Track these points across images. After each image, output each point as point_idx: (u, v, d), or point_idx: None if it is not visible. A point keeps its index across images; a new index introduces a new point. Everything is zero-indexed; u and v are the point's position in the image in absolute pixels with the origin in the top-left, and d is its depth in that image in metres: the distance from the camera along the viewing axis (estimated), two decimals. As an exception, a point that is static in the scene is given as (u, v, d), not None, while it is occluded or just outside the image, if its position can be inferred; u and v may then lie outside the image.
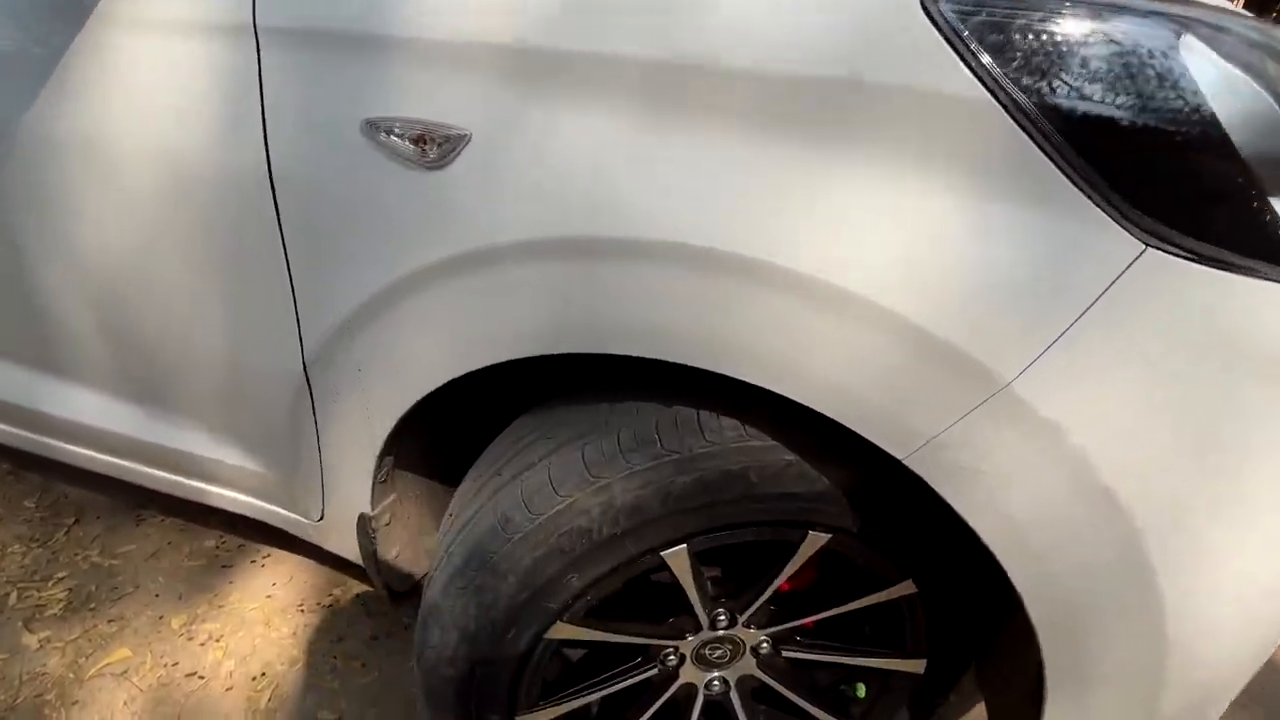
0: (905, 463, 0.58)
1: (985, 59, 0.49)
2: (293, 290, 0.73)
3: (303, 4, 0.63)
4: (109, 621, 1.25)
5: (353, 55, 0.62)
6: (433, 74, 0.60)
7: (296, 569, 1.37)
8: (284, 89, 0.65)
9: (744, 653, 0.82)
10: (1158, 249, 0.49)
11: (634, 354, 0.60)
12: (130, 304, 0.85)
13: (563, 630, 0.71)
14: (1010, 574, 0.60)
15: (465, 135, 0.60)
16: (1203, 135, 0.48)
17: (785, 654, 0.83)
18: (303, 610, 1.29)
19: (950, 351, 0.52)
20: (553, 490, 0.65)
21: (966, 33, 0.49)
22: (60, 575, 1.33)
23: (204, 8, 0.66)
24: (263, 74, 0.65)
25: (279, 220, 0.69)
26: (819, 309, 0.53)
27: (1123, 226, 0.49)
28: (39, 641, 1.20)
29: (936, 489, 0.58)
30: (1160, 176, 0.49)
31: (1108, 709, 0.66)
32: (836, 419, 0.57)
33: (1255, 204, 0.49)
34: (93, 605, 1.28)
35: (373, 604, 1.30)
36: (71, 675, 1.14)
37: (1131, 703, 0.64)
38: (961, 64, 0.49)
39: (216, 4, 0.66)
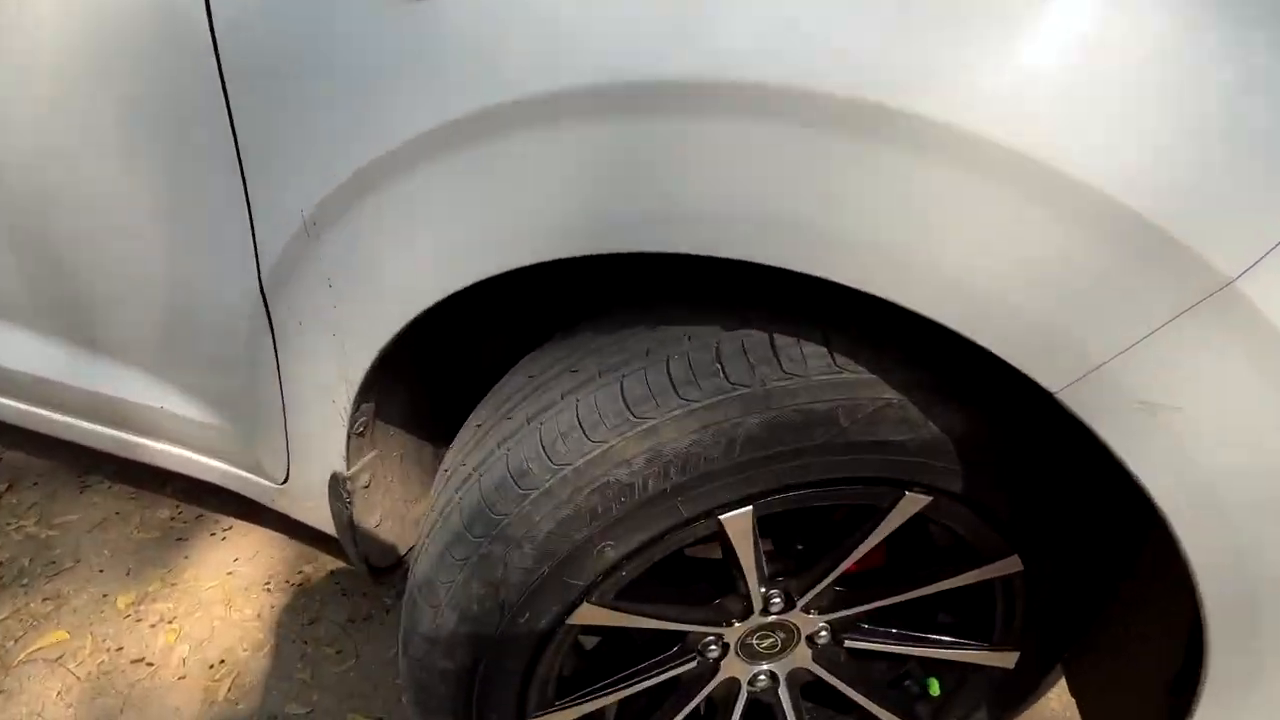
0: (1060, 398, 0.44)
1: None
2: (243, 180, 0.57)
3: None
4: (44, 600, 1.09)
5: None
6: None
7: (262, 542, 1.22)
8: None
9: (798, 642, 0.69)
10: None
11: (693, 251, 0.46)
12: (38, 212, 0.69)
13: (589, 615, 0.57)
14: (1186, 546, 0.46)
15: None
16: None
17: (847, 644, 0.70)
18: (269, 589, 1.14)
19: (1156, 239, 0.38)
20: (582, 434, 0.50)
21: None
22: (-10, 547, 1.17)
23: None
24: None
25: (223, 82, 0.53)
26: (971, 179, 0.39)
27: None
28: (-40, 622, 1.04)
29: (1100, 433, 0.44)
30: None
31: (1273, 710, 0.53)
32: (976, 339, 0.43)
33: None
34: (25, 581, 1.12)
35: (350, 583, 1.15)
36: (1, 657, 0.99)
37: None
38: None
39: None
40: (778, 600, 0.65)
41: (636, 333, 0.56)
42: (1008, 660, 0.69)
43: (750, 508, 0.53)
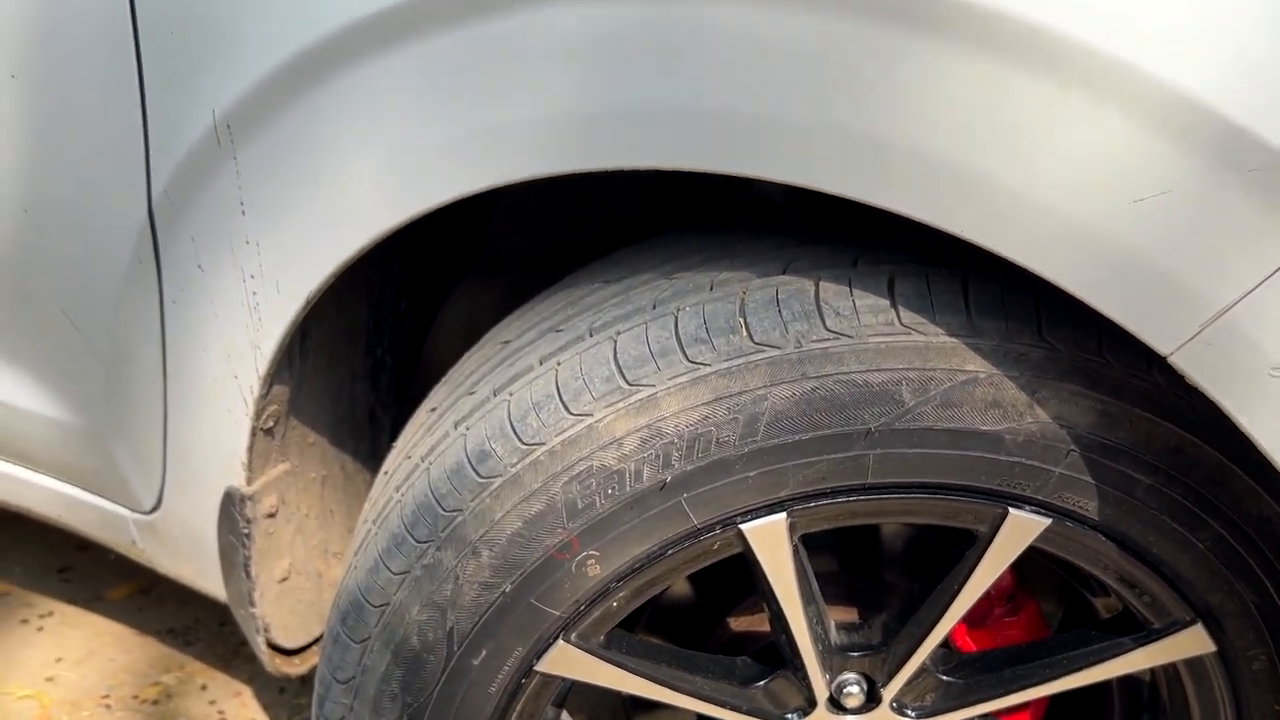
0: (1174, 363, 0.68)
1: None
2: (139, 61, 0.88)
3: None
4: None
5: None
6: None
7: (99, 638, 1.57)
8: None
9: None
10: None
11: (722, 169, 0.72)
12: None
13: (569, 662, 0.84)
14: None
15: None
16: None
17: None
18: (108, 706, 1.47)
19: (1265, 154, 0.62)
20: (560, 405, 0.78)
21: None
22: None
23: None
24: None
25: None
26: (1061, 91, 0.64)
27: None
28: None
29: (1232, 412, 0.68)
30: None
31: None
32: (1066, 287, 0.67)
33: None
34: None
35: (228, 705, 1.47)
36: None
37: None
38: None
39: None
40: (854, 689, 0.89)
41: (647, 281, 0.83)
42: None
43: (784, 515, 0.79)
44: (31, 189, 1.01)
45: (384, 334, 1.15)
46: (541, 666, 0.84)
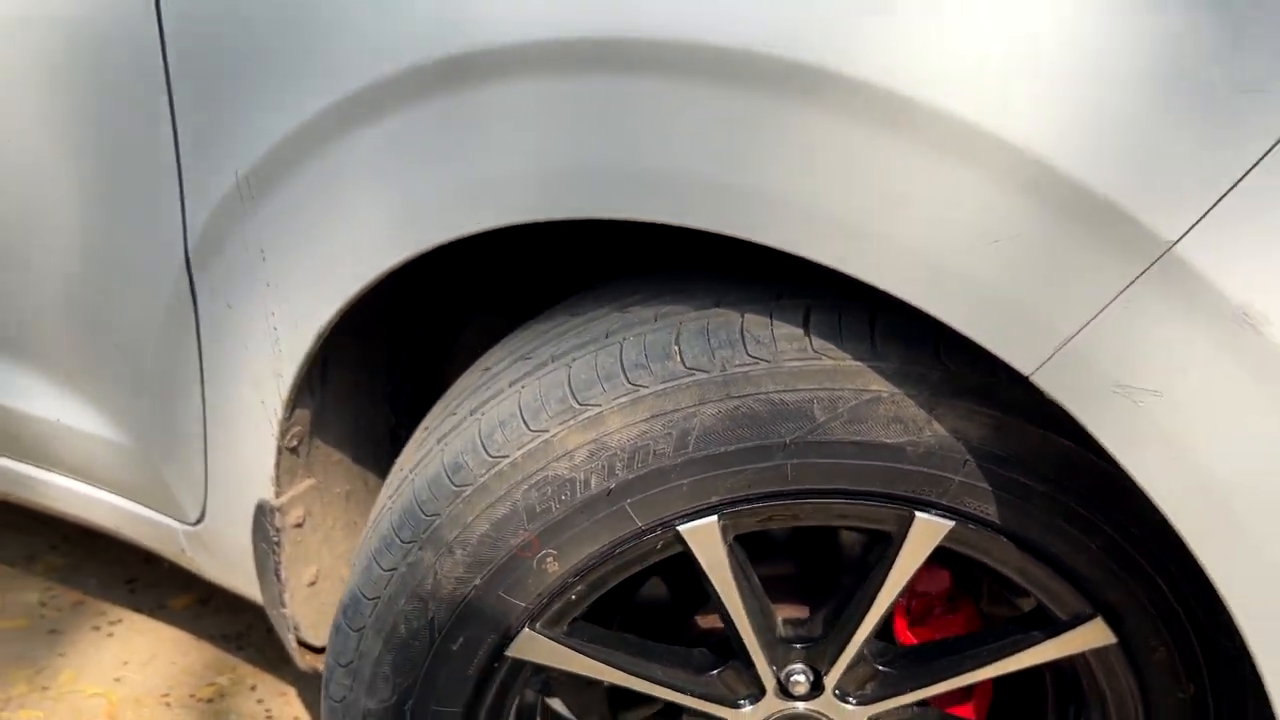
0: (1036, 381, 0.78)
1: None
2: (175, 133, 1.03)
3: None
4: (-117, 695, 1.63)
5: None
6: None
7: (161, 643, 1.73)
8: None
9: (840, 746, 1.03)
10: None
11: (655, 219, 0.84)
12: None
13: (534, 647, 0.96)
14: (1196, 549, 0.78)
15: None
16: None
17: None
18: (168, 704, 1.62)
19: (1102, 207, 0.73)
20: (522, 423, 0.90)
21: None
22: None
23: None
24: None
25: (160, 28, 1.00)
26: (923, 150, 0.75)
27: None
28: None
29: (1088, 427, 0.77)
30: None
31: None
32: (939, 316, 0.78)
33: None
34: None
35: (275, 704, 1.61)
36: None
37: None
38: None
39: None
40: (800, 678, 1.00)
41: (603, 315, 0.95)
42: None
43: (715, 518, 0.90)
44: (89, 241, 1.16)
45: (400, 363, 1.28)
46: (511, 652, 0.96)
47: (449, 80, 0.89)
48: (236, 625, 1.78)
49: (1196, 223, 0.72)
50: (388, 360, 1.26)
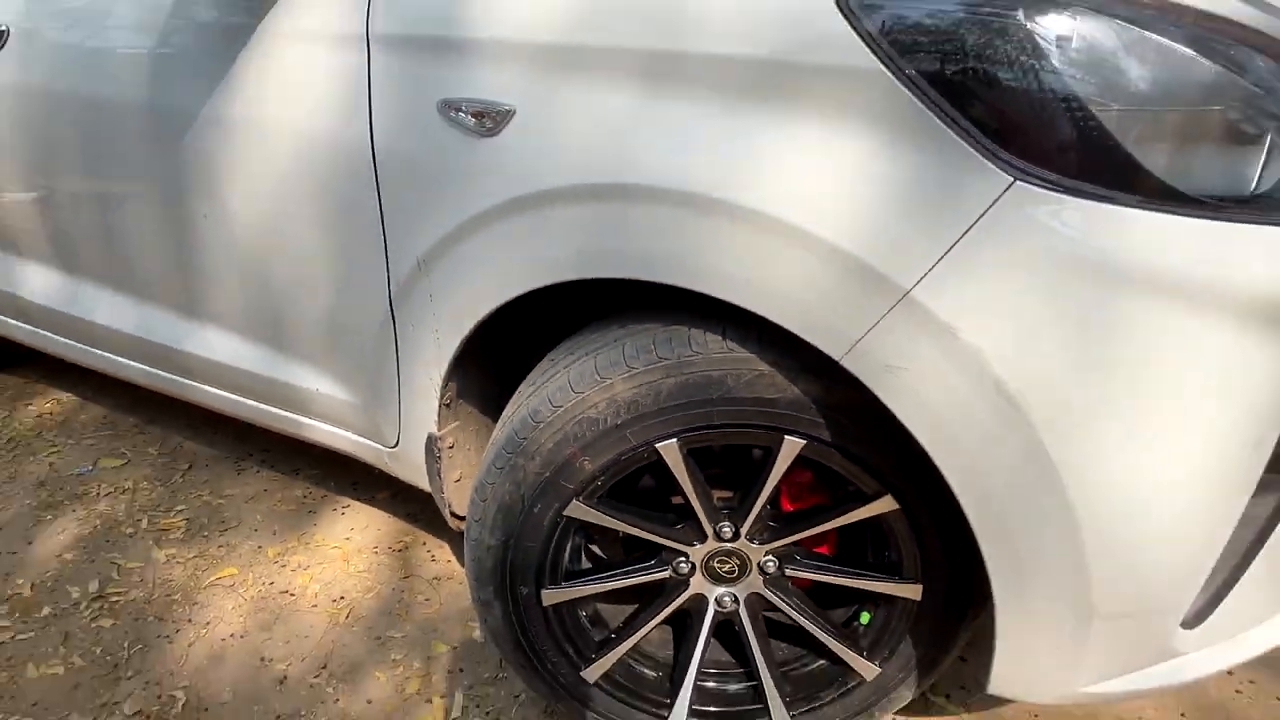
0: (843, 363, 0.90)
1: (884, 44, 0.81)
2: (384, 234, 1.17)
3: (398, 17, 1.07)
4: (219, 547, 1.79)
5: (432, 54, 1.04)
6: (489, 66, 1.01)
7: (372, 518, 1.86)
8: (384, 80, 1.09)
9: (751, 569, 1.15)
10: (1025, 181, 0.79)
11: (634, 276, 0.97)
12: (261, 250, 1.34)
13: (579, 510, 1.08)
14: (944, 472, 0.89)
15: (512, 110, 1.00)
16: (1051, 93, 0.78)
17: (789, 573, 1.15)
18: (376, 552, 1.76)
19: (862, 265, 0.84)
20: (569, 388, 1.03)
21: (873, 27, 0.81)
22: (179, 508, 1.91)
23: (331, 22, 1.13)
24: (371, 69, 1.10)
25: (377, 179, 1.14)
26: (764, 233, 0.87)
27: (993, 163, 0.80)
28: (165, 556, 1.75)
29: (873, 389, 0.89)
30: (1020, 123, 0.79)
31: (1048, 606, 0.92)
32: (784, 324, 0.90)
33: (1107, 145, 0.78)
34: (205, 534, 1.83)
35: (436, 552, 1.75)
36: (192, 584, 1.68)
37: (1064, 596, 0.91)
38: (866, 47, 0.82)
39: (340, 20, 1.12)
40: (727, 529, 1.12)
41: (614, 330, 1.08)
42: (915, 593, 1.10)
43: (675, 440, 1.02)
44: (335, 285, 1.28)
45: (512, 361, 1.36)
46: (566, 513, 1.07)
47: (524, 207, 1.01)
48: (414, 506, 1.88)
49: (922, 277, 0.83)
50: (496, 359, 1.36)
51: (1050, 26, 0.79)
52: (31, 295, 1.83)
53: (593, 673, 1.22)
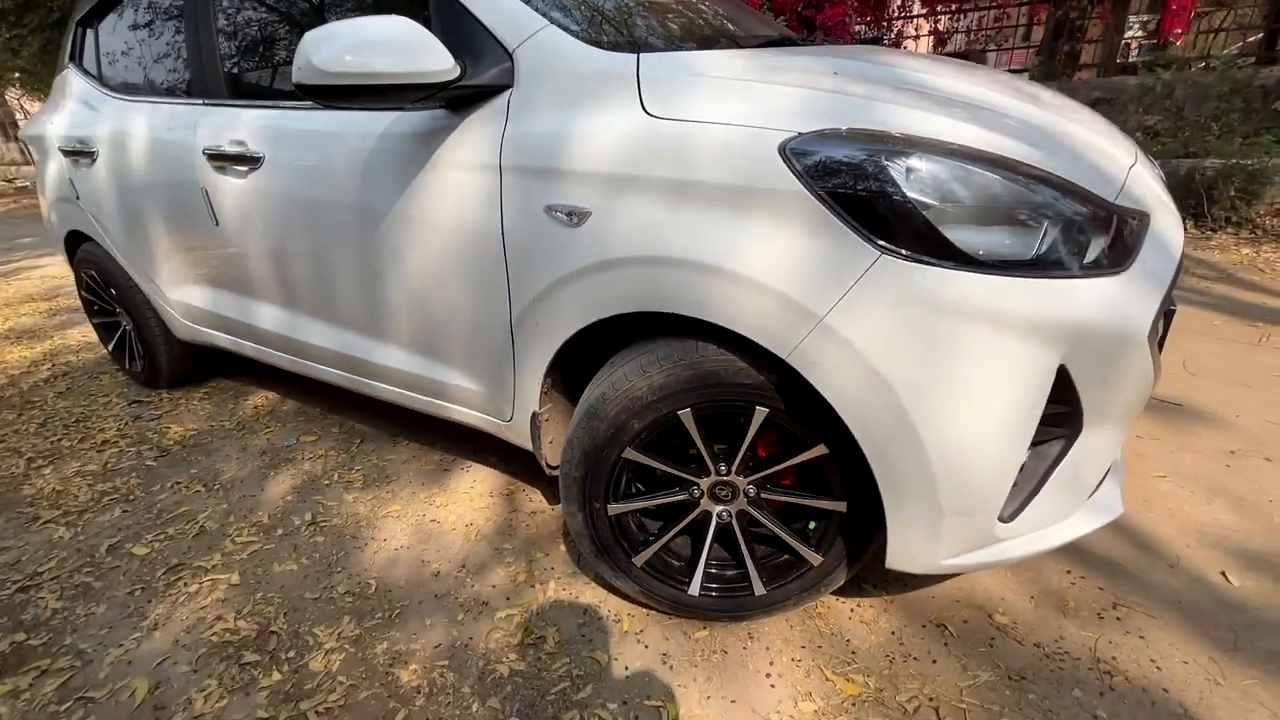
0: (788, 361, 1.22)
1: (806, 176, 1.15)
2: (508, 285, 1.51)
3: (519, 153, 1.43)
4: (387, 492, 2.16)
5: (542, 177, 1.39)
6: (575, 184, 1.35)
7: (487, 474, 2.20)
8: (510, 192, 1.44)
9: (740, 494, 1.47)
10: (887, 255, 1.12)
11: (663, 310, 1.30)
12: (426, 295, 1.70)
13: (631, 454, 1.40)
14: (850, 426, 1.20)
15: (589, 211, 1.35)
16: (903, 203, 1.11)
17: (764, 496, 1.47)
18: (492, 495, 2.11)
19: (796, 303, 1.17)
20: (625, 378, 1.37)
21: (800, 166, 1.15)
22: (357, 468, 2.28)
23: (477, 156, 1.49)
24: (503, 186, 1.46)
25: (505, 253, 1.49)
26: (741, 284, 1.19)
27: (869, 244, 1.12)
28: (353, 498, 2.13)
29: (806, 377, 1.22)
30: (885, 220, 1.12)
31: (915, 509, 1.23)
32: (752, 338, 1.22)
33: (935, 232, 1.10)
34: (377, 484, 2.20)
35: (533, 495, 2.09)
36: (371, 515, 2.05)
37: (924, 502, 1.21)
38: (795, 178, 1.15)
39: (483, 155, 1.48)
40: (723, 467, 1.44)
41: (651, 345, 1.41)
42: (841, 507, 1.41)
43: (690, 409, 1.34)
44: (473, 316, 1.60)
45: (583, 365, 1.67)
46: (624, 455, 1.35)
47: (597, 270, 1.29)
48: (515, 465, 2.16)
49: (830, 309, 1.15)
50: (574, 364, 1.65)
51: (905, 163, 1.11)
52: (264, 325, 2.22)
53: (639, 560, 1.54)
